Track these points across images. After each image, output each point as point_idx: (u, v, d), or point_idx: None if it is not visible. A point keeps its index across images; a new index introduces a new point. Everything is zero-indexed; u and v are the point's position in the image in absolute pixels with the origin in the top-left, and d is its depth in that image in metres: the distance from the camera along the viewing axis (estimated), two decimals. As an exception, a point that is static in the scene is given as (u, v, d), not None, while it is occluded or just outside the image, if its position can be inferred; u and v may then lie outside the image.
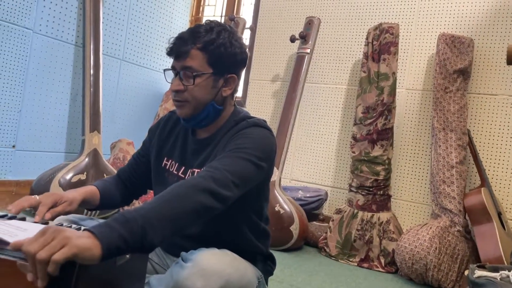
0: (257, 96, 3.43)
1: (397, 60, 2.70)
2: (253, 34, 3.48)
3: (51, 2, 2.69)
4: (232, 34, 1.17)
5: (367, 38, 2.79)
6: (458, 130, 2.48)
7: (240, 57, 1.19)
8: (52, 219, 1.03)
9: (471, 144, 2.54)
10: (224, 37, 1.14)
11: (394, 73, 2.67)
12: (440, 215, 2.40)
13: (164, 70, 1.22)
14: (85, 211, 2.18)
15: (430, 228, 2.31)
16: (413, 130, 2.84)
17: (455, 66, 2.55)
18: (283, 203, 2.65)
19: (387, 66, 2.68)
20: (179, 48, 1.13)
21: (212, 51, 1.12)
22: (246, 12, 3.74)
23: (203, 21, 1.20)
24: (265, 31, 3.43)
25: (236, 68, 1.20)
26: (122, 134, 3.19)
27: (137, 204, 2.39)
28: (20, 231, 0.85)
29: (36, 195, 1.09)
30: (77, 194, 1.16)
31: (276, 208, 2.61)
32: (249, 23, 3.45)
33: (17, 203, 1.04)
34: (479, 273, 1.36)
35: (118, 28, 3.15)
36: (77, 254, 0.72)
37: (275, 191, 2.69)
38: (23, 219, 0.98)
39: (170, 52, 1.15)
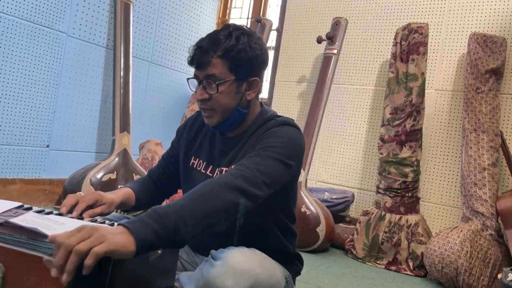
0: (283, 97, 3.43)
1: (426, 60, 2.66)
2: (280, 35, 3.49)
3: (83, 7, 2.78)
4: (251, 36, 1.16)
5: (395, 38, 2.76)
6: (490, 131, 2.42)
7: (261, 59, 1.18)
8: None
9: (504, 145, 2.47)
10: (244, 42, 1.13)
11: (423, 74, 2.63)
12: (471, 218, 2.34)
13: (188, 79, 1.22)
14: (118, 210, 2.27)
15: (461, 231, 2.26)
16: (442, 131, 2.78)
17: (487, 66, 2.49)
18: (309, 204, 2.64)
19: (415, 66, 2.64)
20: (200, 58, 1.13)
21: (233, 57, 1.12)
22: (272, 14, 3.75)
23: (224, 25, 1.21)
24: (292, 32, 3.43)
25: (258, 71, 1.19)
26: (151, 135, 3.26)
27: (164, 203, 2.43)
28: (58, 225, 0.89)
29: (81, 192, 1.12)
30: (115, 196, 1.19)
31: (302, 209, 2.61)
32: (275, 24, 3.45)
33: (66, 202, 1.07)
34: (513, 277, 1.32)
35: (147, 31, 3.22)
36: (114, 251, 0.75)
37: (301, 192, 2.68)
38: (60, 214, 1.01)
39: (191, 62, 1.16)
